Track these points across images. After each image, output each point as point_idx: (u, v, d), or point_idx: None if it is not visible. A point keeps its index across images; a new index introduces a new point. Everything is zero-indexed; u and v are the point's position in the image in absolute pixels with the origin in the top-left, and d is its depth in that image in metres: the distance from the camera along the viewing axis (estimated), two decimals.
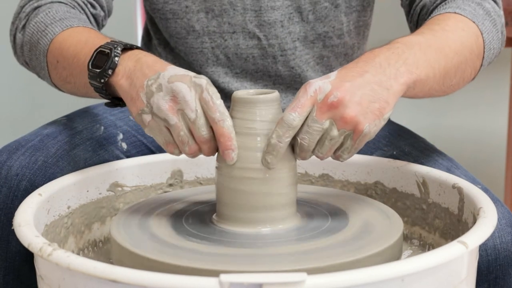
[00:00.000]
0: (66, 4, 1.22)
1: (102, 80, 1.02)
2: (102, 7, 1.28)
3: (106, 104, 1.08)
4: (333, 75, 0.95)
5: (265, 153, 0.95)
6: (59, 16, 1.18)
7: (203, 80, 0.95)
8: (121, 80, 1.01)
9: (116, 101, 1.06)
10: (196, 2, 1.31)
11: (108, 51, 1.02)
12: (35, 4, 1.21)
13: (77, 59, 1.10)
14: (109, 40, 1.06)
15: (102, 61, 1.02)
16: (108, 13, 1.31)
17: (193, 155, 0.97)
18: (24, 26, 1.21)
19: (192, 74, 0.96)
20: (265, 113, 0.97)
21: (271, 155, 0.94)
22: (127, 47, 1.04)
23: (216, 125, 0.94)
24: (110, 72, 1.01)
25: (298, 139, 0.94)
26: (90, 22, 1.24)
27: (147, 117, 0.96)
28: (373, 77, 0.96)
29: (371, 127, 0.94)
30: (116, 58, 1.02)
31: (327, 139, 0.94)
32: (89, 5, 1.26)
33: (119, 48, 1.02)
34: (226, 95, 1.27)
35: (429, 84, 1.04)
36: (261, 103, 0.97)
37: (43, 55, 1.17)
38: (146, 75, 0.97)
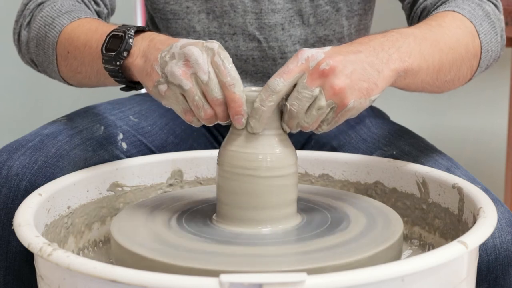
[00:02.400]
0: (71, 0, 1.23)
1: (118, 63, 1.03)
2: (105, 5, 1.29)
3: (121, 88, 1.09)
4: (327, 48, 0.96)
5: (249, 117, 0.95)
6: (65, 9, 1.19)
7: (215, 44, 0.95)
8: (136, 60, 1.02)
9: (132, 85, 1.07)
10: (197, 3, 1.31)
11: (122, 33, 1.04)
12: (39, 0, 1.22)
13: (88, 47, 1.11)
14: (119, 26, 1.07)
15: (116, 44, 1.04)
16: (111, 11, 1.31)
17: (209, 120, 0.96)
18: (29, 23, 1.22)
19: (204, 41, 0.97)
20: None
21: (254, 119, 0.95)
22: (140, 29, 1.05)
23: (227, 89, 0.94)
24: (125, 54, 1.02)
25: (288, 105, 0.94)
26: None
27: (163, 87, 0.96)
28: (365, 57, 0.97)
29: (356, 103, 0.94)
30: (131, 40, 1.03)
31: (314, 108, 0.94)
32: (92, 2, 1.27)
33: (132, 30, 1.04)
34: None
35: (421, 76, 1.04)
36: None
37: (52, 48, 1.17)
38: (160, 49, 0.98)
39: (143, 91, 1.71)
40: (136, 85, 1.07)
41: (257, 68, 1.33)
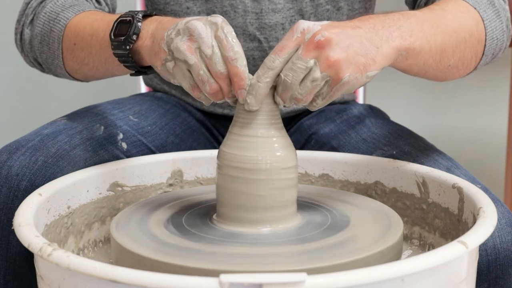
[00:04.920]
0: None
1: (128, 47, 1.04)
2: (106, 4, 1.30)
3: (131, 74, 1.10)
4: (325, 21, 0.96)
5: (246, 94, 0.95)
6: (68, 3, 1.20)
7: (219, 19, 0.95)
8: (145, 42, 1.03)
9: (142, 69, 1.08)
10: (197, 3, 1.31)
11: (130, 18, 1.05)
12: None
13: (95, 36, 1.12)
14: (125, 12, 1.08)
15: (125, 29, 1.05)
16: (112, 11, 1.32)
17: (215, 95, 0.96)
18: (32, 21, 1.22)
19: (208, 16, 0.97)
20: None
21: (251, 95, 0.95)
22: (147, 14, 1.06)
23: (230, 64, 0.94)
24: (134, 37, 1.03)
25: (282, 75, 0.93)
26: None
27: (170, 64, 0.96)
28: (364, 33, 0.96)
29: (351, 78, 0.93)
30: (139, 23, 1.04)
31: (309, 80, 0.93)
32: (94, 0, 1.27)
33: (140, 15, 1.05)
34: None
35: (423, 57, 1.03)
36: (262, 106, 0.97)
37: (58, 42, 1.18)
38: (167, 28, 0.98)
39: (143, 90, 1.72)
40: (146, 69, 1.07)
41: (257, 68, 1.32)
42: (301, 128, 1.39)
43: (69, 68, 1.21)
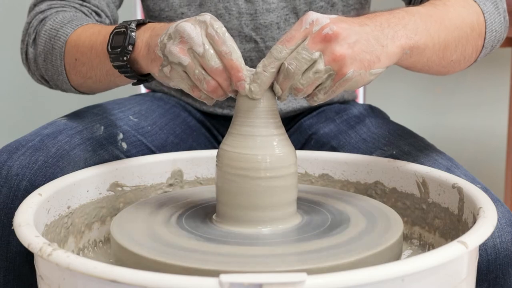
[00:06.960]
0: (71, 12, 1.24)
1: (125, 58, 1.05)
2: (107, 16, 1.30)
3: (133, 83, 1.11)
4: (333, 15, 0.96)
5: (251, 82, 0.95)
6: (67, 19, 1.20)
7: (207, 16, 0.95)
8: (141, 51, 1.03)
9: (142, 78, 1.09)
10: (191, 8, 1.31)
11: (124, 29, 1.05)
12: (41, 16, 1.23)
13: (94, 50, 1.13)
14: (120, 23, 1.08)
15: (120, 41, 1.05)
16: (113, 22, 1.32)
17: (215, 92, 0.96)
18: (34, 40, 1.23)
19: (196, 16, 0.97)
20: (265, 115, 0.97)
21: (255, 83, 0.95)
22: (140, 22, 1.06)
23: (224, 58, 0.94)
24: (130, 48, 1.04)
25: (286, 63, 0.93)
26: None
27: (167, 69, 0.97)
28: (371, 31, 0.96)
29: (355, 74, 0.93)
30: (133, 33, 1.05)
31: (312, 71, 0.93)
32: (94, 13, 1.28)
33: (133, 24, 1.05)
34: (228, 98, 1.27)
35: (427, 54, 1.04)
36: (262, 105, 0.97)
37: (60, 58, 1.19)
38: (159, 35, 0.99)
39: (143, 90, 1.72)
40: (147, 77, 1.08)
41: None
42: (301, 128, 1.39)
43: (74, 83, 1.22)
